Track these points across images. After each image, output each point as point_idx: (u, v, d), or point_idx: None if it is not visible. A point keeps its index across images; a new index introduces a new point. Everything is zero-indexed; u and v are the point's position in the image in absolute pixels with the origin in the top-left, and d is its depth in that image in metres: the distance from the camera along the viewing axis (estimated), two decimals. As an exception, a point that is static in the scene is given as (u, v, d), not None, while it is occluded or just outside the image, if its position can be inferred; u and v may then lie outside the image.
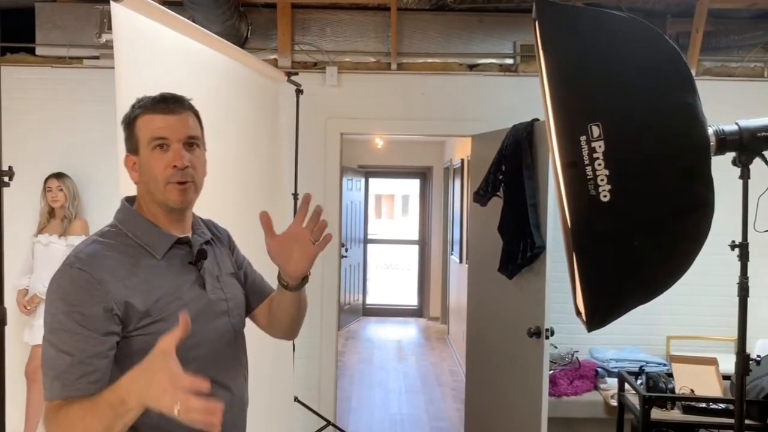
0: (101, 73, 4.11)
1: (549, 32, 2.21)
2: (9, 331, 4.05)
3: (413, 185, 9.04)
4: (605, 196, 2.12)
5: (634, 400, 3.11)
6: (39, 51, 4.19)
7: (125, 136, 1.37)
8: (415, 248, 8.79)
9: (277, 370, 3.39)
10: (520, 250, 3.31)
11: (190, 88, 2.51)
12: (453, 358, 6.39)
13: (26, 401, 3.69)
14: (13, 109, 4.12)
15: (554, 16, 2.21)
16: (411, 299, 8.88)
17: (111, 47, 4.30)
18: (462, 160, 6.06)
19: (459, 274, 6.20)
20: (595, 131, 2.09)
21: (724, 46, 4.15)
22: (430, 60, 4.24)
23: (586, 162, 2.12)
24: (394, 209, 22.59)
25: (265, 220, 1.37)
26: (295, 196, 3.87)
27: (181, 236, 1.37)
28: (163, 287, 1.29)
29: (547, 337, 3.18)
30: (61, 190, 3.80)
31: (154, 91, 2.24)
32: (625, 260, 2.20)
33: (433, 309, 8.34)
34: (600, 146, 2.09)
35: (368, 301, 8.79)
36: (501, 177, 3.49)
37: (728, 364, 3.38)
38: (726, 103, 3.74)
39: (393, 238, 9.33)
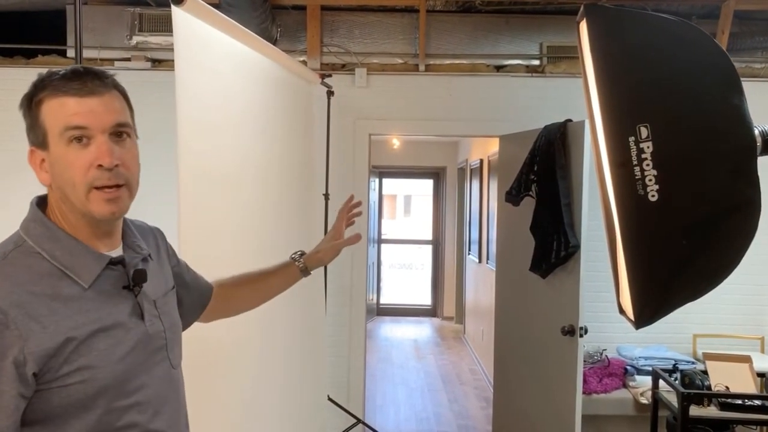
0: (132, 75, 4.16)
1: (597, 34, 2.25)
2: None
3: (416, 185, 9.09)
4: (653, 196, 2.16)
5: (668, 397, 3.14)
6: (70, 53, 4.24)
7: (27, 125, 1.06)
8: (427, 248, 8.84)
9: (310, 370, 3.43)
10: (553, 249, 3.35)
11: (239, 90, 2.56)
12: (471, 356, 6.42)
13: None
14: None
15: (602, 18, 2.25)
16: (424, 299, 8.92)
17: (141, 49, 4.34)
18: (481, 161, 6.10)
19: (478, 273, 6.24)
20: (644, 132, 2.14)
21: (749, 47, 4.19)
22: (457, 61, 4.28)
23: (635, 162, 2.16)
24: (396, 209, 22.64)
25: (350, 203, 1.49)
26: (326, 196, 3.90)
27: (114, 256, 1.07)
28: (91, 323, 0.98)
29: (581, 336, 3.22)
30: (95, 190, 3.83)
31: (209, 94, 2.30)
32: (674, 259, 2.24)
33: (447, 308, 8.38)
34: (648, 147, 2.13)
35: (382, 300, 8.83)
36: (533, 177, 3.53)
37: (759, 362, 3.42)
38: (750, 104, 3.77)
39: (406, 237, 9.36)
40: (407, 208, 21.89)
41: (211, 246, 2.18)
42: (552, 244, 3.36)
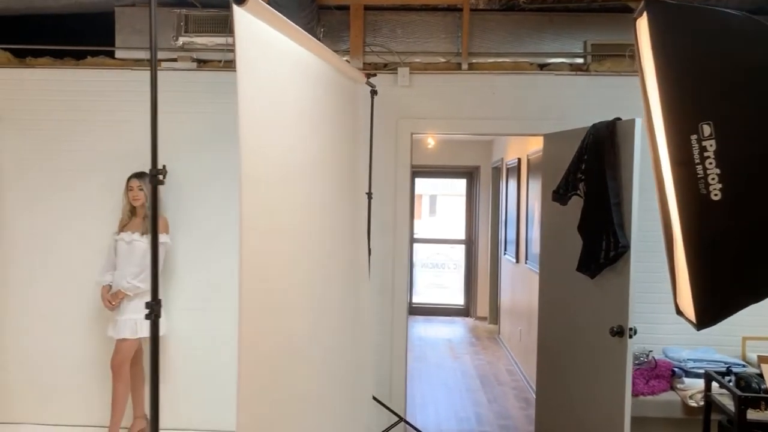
0: (179, 75, 4.23)
1: (658, 30, 2.22)
2: (94, 325, 4.20)
3: (442, 185, 9.03)
4: (716, 195, 2.13)
5: (722, 400, 3.09)
6: (118, 54, 4.32)
7: None
8: (458, 248, 8.81)
9: (357, 370, 3.44)
10: (602, 249, 3.31)
11: (294, 89, 2.58)
12: (507, 357, 6.39)
13: (112, 393, 3.80)
14: (94, 111, 4.26)
15: (663, 13, 2.22)
16: (457, 298, 8.89)
17: (187, 50, 4.41)
18: (518, 160, 6.06)
19: (515, 274, 6.20)
20: (707, 130, 2.11)
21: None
22: (500, 60, 4.26)
23: (697, 161, 2.14)
24: (422, 209, 22.59)
25: None
26: (369, 195, 3.92)
27: None
28: None
29: (630, 336, 3.18)
30: (142, 189, 3.90)
31: (266, 92, 2.32)
32: (737, 259, 2.20)
33: (480, 308, 8.35)
34: (711, 145, 2.10)
35: (414, 300, 8.83)
36: (580, 176, 3.50)
37: (814, 365, 3.34)
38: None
39: (438, 237, 9.36)
40: (432, 207, 21.85)
41: (269, 242, 2.20)
42: (600, 244, 3.32)
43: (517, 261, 6.00)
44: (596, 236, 3.36)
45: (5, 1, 4.30)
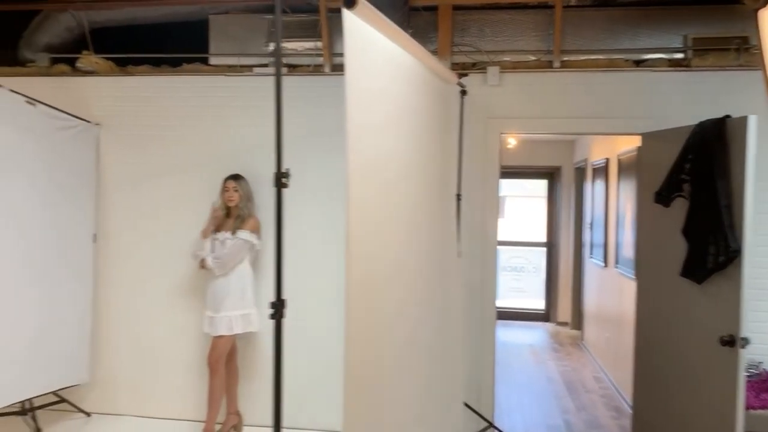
0: (270, 80, 4.32)
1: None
2: (191, 323, 4.34)
3: (510, 186, 8.81)
4: None
5: None
6: (212, 61, 4.46)
7: None
8: (537, 251, 8.61)
9: (449, 375, 3.41)
10: (710, 253, 3.14)
11: (395, 90, 2.58)
12: (593, 364, 6.18)
13: (208, 389, 3.92)
14: (189, 116, 4.42)
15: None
16: (536, 303, 8.69)
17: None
18: (606, 159, 5.85)
19: (603, 278, 6.00)
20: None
21: None
22: (593, 57, 4.12)
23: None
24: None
25: None
26: (458, 197, 3.87)
27: None
28: None
29: (742, 347, 3.00)
30: (237, 190, 4.01)
31: (371, 95, 2.32)
32: None
33: (561, 313, 8.12)
34: None
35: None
36: (685, 176, 3.33)
37: None
38: None
39: (519, 240, 9.19)
40: (501, 209, 21.52)
41: (374, 247, 2.20)
42: (708, 248, 3.15)
43: (606, 265, 5.79)
44: (703, 240, 3.19)
45: (109, 13, 4.54)
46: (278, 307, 1.77)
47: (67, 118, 4.17)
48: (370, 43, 2.30)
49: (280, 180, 1.71)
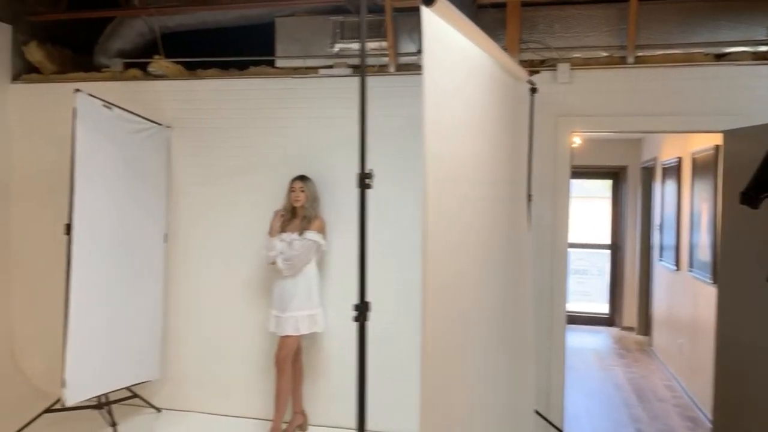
0: (335, 81, 4.33)
1: None
2: (258, 322, 4.39)
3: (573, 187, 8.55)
4: None
5: None
6: (278, 63, 4.51)
7: None
8: (600, 253, 8.36)
9: (520, 382, 3.32)
10: (803, 257, 2.95)
11: (470, 89, 2.52)
12: (663, 371, 5.94)
13: (275, 388, 3.96)
14: (257, 117, 4.47)
15: None
16: (600, 306, 8.43)
17: (342, 56, 4.50)
18: (679, 158, 5.61)
19: (674, 282, 5.76)
20: None
21: None
22: (669, 51, 3.96)
23: None
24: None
25: None
26: (529, 197, 3.78)
27: None
28: None
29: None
30: (303, 191, 4.03)
31: (449, 95, 2.28)
32: None
33: (627, 318, 7.86)
34: None
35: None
36: (774, 176, 3.14)
37: None
38: None
39: (583, 241, 8.95)
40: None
41: (449, 249, 2.16)
42: (801, 252, 2.96)
43: (678, 268, 5.56)
44: (795, 243, 3.00)
45: (180, 18, 4.65)
46: (362, 309, 1.74)
47: (140, 121, 4.28)
48: (447, 40, 2.25)
49: (364, 180, 1.68)
